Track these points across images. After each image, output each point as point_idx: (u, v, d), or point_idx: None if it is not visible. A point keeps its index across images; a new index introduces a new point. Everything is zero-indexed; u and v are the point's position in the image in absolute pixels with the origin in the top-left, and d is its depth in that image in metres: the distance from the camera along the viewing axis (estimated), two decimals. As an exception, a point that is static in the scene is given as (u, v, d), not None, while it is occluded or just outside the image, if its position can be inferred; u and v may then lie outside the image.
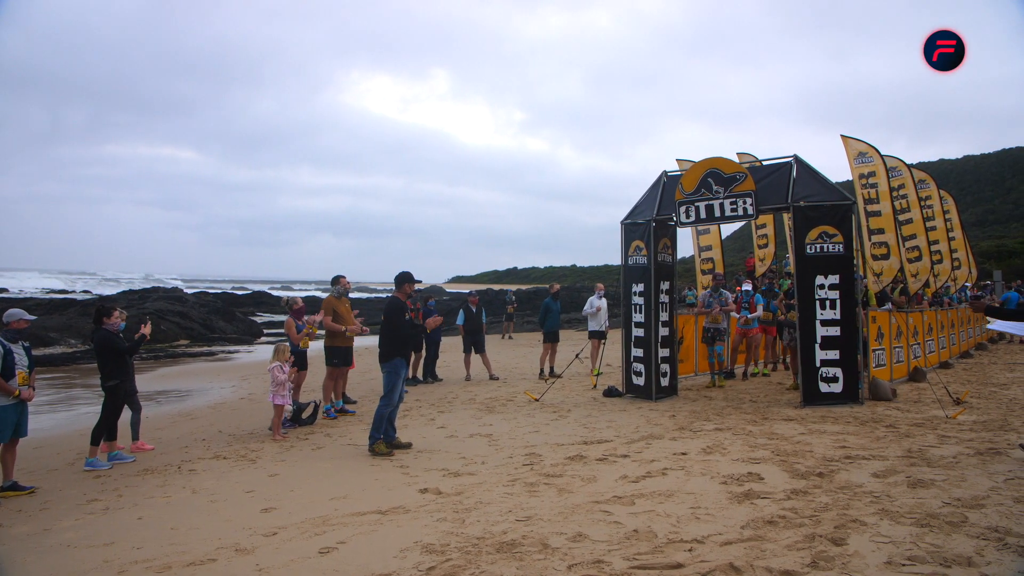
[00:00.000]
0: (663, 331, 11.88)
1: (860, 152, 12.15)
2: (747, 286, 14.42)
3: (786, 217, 16.28)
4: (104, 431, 8.33)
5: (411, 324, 8.64)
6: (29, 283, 65.28)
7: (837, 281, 10.26)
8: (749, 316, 13.62)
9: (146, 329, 8.64)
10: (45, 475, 7.95)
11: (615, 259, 9.85)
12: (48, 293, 50.47)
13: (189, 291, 45.46)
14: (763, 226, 16.62)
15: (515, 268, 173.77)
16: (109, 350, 8.36)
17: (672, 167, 12.36)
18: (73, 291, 53.67)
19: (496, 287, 61.76)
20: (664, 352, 11.92)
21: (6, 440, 7.22)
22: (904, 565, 4.25)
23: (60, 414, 12.57)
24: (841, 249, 10.27)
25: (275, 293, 59.30)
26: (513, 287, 54.44)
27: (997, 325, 8.32)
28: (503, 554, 4.74)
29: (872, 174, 11.88)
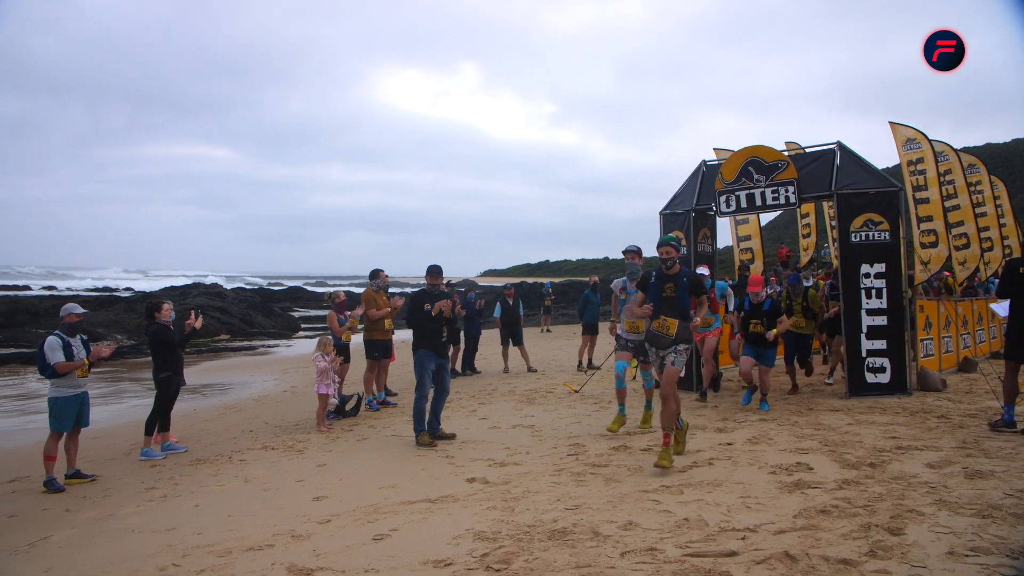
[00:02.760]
0: (704, 322, 11.76)
1: (908, 138, 11.92)
2: (703, 269, 11.03)
3: (826, 206, 16.05)
4: (158, 421, 8.55)
5: (426, 314, 8.61)
6: (113, 282, 66.60)
7: (883, 269, 10.09)
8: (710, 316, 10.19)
9: (196, 322, 8.83)
10: (104, 464, 8.19)
11: (648, 251, 9.70)
12: (92, 291, 51.63)
13: (228, 286, 46.26)
14: (806, 215, 16.39)
15: (547, 261, 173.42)
16: (162, 343, 8.56)
17: (704, 157, 12.26)
18: (117, 289, 54.83)
19: (530, 280, 61.70)
20: (705, 343, 11.79)
21: (68, 430, 7.44)
22: (968, 556, 4.18)
23: (112, 406, 12.89)
24: (887, 237, 10.09)
25: (310, 289, 59.95)
26: (546, 280, 54.37)
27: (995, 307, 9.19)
28: (555, 541, 4.77)
29: (920, 160, 11.64)
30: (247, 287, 55.01)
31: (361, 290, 11.61)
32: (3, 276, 72.56)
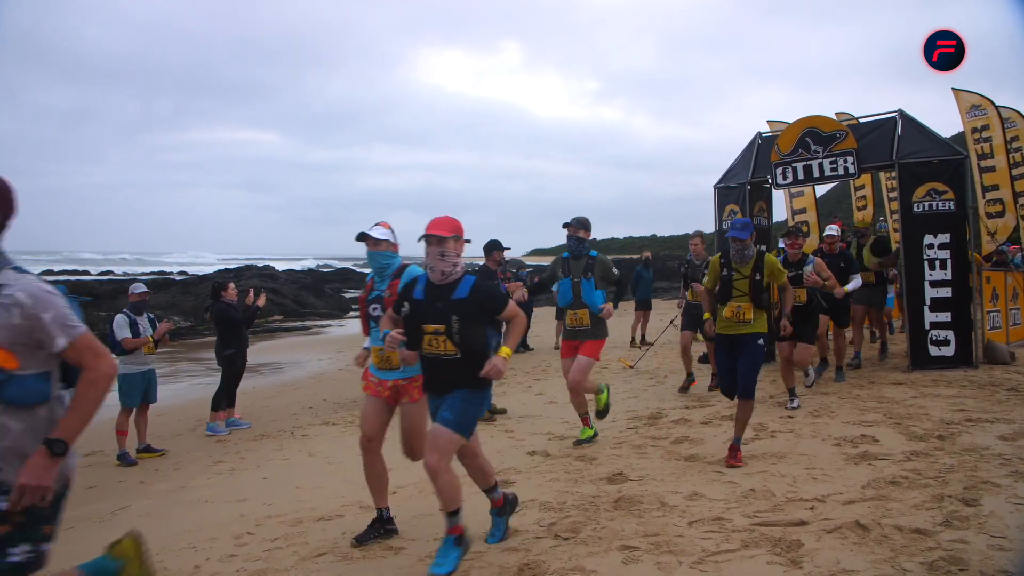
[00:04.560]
0: (759, 296, 11.59)
1: (973, 104, 11.50)
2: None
3: (883, 177, 15.58)
4: (225, 398, 8.79)
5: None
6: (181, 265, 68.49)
7: (948, 240, 9.78)
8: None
9: (260, 301, 9.04)
10: (171, 439, 8.48)
11: (696, 227, 9.49)
12: (148, 275, 53.07)
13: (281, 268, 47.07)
14: (862, 187, 15.94)
15: (594, 239, 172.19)
16: (227, 321, 8.79)
17: (755, 132, 11.98)
18: (171, 273, 56.26)
19: (576, 259, 61.26)
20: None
21: (136, 405, 7.72)
22: (1049, 525, 4.08)
23: (172, 385, 13.26)
24: (952, 206, 9.76)
25: (359, 270, 60.61)
26: (593, 259, 53.93)
27: None
28: (621, 511, 4.78)
29: (986, 127, 11.23)
30: (299, 269, 55.94)
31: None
32: (65, 261, 75.12)
